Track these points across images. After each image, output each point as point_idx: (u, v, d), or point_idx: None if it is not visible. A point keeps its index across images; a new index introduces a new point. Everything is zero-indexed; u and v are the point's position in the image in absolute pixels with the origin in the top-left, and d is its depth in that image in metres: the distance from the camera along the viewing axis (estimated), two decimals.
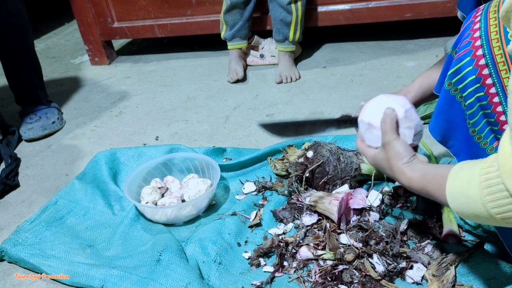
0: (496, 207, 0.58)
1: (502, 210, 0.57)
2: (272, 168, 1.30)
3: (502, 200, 0.57)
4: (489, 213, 0.59)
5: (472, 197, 0.60)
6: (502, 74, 0.68)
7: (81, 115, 1.90)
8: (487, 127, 0.73)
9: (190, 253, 1.05)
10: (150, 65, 2.34)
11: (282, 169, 1.28)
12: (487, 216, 0.60)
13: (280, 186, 1.22)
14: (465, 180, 0.62)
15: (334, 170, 1.18)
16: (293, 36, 1.94)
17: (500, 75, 0.68)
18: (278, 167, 1.29)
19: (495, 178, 0.57)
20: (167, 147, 1.41)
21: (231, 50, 2.05)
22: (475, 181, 0.60)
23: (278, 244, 1.03)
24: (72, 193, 1.31)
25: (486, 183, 0.58)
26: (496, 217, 0.58)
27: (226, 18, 1.99)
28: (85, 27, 2.33)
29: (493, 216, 0.59)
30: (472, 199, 0.60)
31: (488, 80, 0.69)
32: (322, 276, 0.94)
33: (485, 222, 0.62)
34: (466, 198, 0.62)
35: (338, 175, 1.18)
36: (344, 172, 1.18)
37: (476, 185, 0.60)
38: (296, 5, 1.89)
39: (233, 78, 1.97)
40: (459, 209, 0.64)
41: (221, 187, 1.30)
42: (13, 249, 1.11)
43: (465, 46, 0.72)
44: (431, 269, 0.91)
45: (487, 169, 0.59)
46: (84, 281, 1.01)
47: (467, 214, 0.63)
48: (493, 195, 0.57)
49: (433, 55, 1.96)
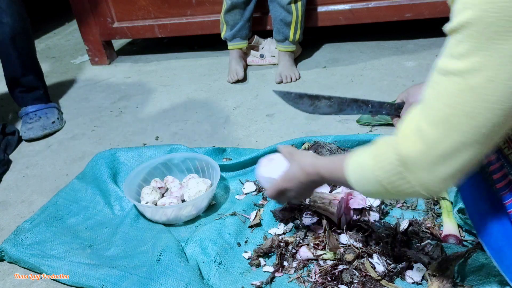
0: (384, 173, 0.64)
1: (389, 175, 0.63)
2: None
3: (387, 166, 0.63)
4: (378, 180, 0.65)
5: (365, 167, 0.67)
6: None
7: (81, 115, 1.90)
8: None
9: (190, 253, 1.05)
10: (150, 65, 2.34)
11: None
12: (379, 187, 0.65)
13: None
14: (359, 152, 0.70)
15: None
16: (293, 36, 1.94)
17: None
18: None
19: (386, 148, 0.64)
20: (167, 147, 1.41)
21: (232, 50, 2.05)
22: (367, 151, 0.68)
23: (278, 244, 1.03)
24: (72, 193, 1.31)
25: (378, 152, 0.65)
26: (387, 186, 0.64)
27: (227, 18, 1.99)
28: (85, 27, 2.33)
29: (383, 185, 0.64)
30: (365, 168, 0.67)
31: None
32: (322, 276, 0.94)
33: (376, 193, 0.68)
34: (360, 167, 0.69)
35: None
36: None
37: (367, 155, 0.67)
38: (296, 5, 1.89)
39: (233, 78, 1.97)
40: (358, 183, 0.70)
41: (221, 187, 1.30)
42: (13, 249, 1.11)
43: None
44: (431, 269, 0.91)
45: (377, 143, 0.66)
46: (84, 281, 1.01)
47: (365, 187, 0.69)
48: (382, 163, 0.64)
49: (433, 55, 1.96)
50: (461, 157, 0.58)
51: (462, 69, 0.54)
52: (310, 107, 1.02)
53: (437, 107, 0.57)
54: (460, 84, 0.54)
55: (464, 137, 0.56)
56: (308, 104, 1.02)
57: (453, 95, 0.55)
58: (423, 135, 0.59)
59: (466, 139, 0.56)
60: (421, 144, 0.59)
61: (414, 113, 0.61)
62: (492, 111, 0.54)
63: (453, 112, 0.56)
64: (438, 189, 0.61)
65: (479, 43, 0.52)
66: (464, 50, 0.53)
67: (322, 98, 1.00)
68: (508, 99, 0.53)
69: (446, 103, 0.56)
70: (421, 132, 0.59)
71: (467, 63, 0.54)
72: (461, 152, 0.57)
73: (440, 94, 0.57)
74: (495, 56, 0.52)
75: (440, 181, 0.60)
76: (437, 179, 0.60)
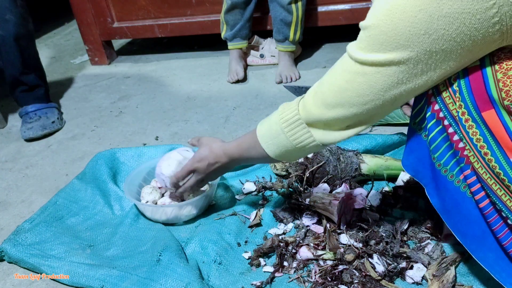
0: (287, 124, 0.82)
1: (290, 123, 0.82)
2: (272, 168, 1.30)
3: (290, 115, 0.82)
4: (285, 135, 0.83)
5: (272, 122, 0.85)
6: (449, 107, 0.73)
7: (81, 115, 1.90)
8: (452, 159, 0.76)
9: (190, 253, 1.05)
10: (150, 65, 2.34)
11: (282, 169, 1.28)
12: (285, 140, 0.83)
13: (280, 186, 1.22)
14: (269, 121, 0.87)
15: (334, 170, 1.18)
16: (293, 36, 1.94)
17: (452, 113, 0.73)
18: (278, 167, 1.29)
19: (291, 113, 0.82)
20: (167, 147, 1.41)
21: (232, 50, 2.05)
22: (276, 117, 0.84)
23: (278, 244, 1.03)
24: (72, 193, 1.30)
25: (284, 118, 0.83)
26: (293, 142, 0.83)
27: (227, 18, 1.99)
28: (85, 27, 2.33)
29: (287, 137, 0.83)
30: (273, 122, 0.85)
31: (445, 122, 0.75)
32: (322, 276, 0.94)
33: (293, 154, 0.86)
34: (269, 127, 0.86)
35: (338, 175, 1.18)
36: (344, 172, 1.18)
37: (276, 121, 0.84)
38: (296, 5, 1.89)
39: (233, 78, 1.97)
40: (270, 148, 0.86)
41: (221, 187, 1.30)
42: (13, 249, 1.11)
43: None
44: (431, 269, 0.91)
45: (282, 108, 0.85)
46: (84, 281, 1.01)
47: (278, 149, 0.86)
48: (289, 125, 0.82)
49: None
50: (343, 110, 0.75)
51: (359, 59, 0.70)
52: None
53: (339, 79, 0.74)
54: (356, 67, 0.71)
55: (346, 101, 0.74)
56: None
57: (350, 74, 0.72)
58: (321, 93, 0.77)
59: (347, 103, 0.74)
60: (318, 99, 0.77)
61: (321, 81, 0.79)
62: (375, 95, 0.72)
63: (347, 87, 0.73)
64: (332, 137, 0.80)
65: (372, 45, 0.67)
66: (363, 45, 0.69)
67: None
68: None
69: (344, 79, 0.73)
70: (321, 93, 0.77)
71: (363, 57, 0.69)
72: (343, 107, 0.75)
73: (341, 71, 0.74)
74: (375, 60, 0.68)
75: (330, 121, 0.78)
76: (326, 118, 0.77)
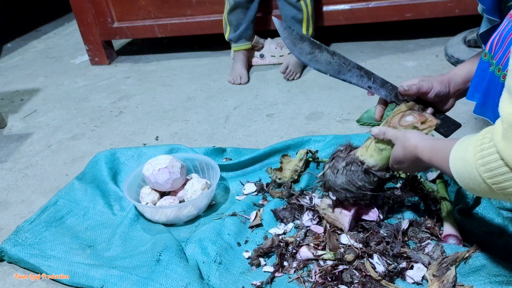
0: (487, 171, 0.60)
1: (493, 174, 0.60)
2: (272, 177, 1.27)
3: (492, 163, 0.59)
4: (482, 177, 0.61)
5: (468, 161, 0.63)
6: None
7: (81, 115, 1.90)
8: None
9: (190, 253, 1.05)
10: (150, 65, 2.34)
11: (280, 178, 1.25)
12: (481, 181, 0.62)
13: (279, 193, 1.20)
14: (465, 145, 0.66)
15: None
16: (306, 32, 1.93)
17: None
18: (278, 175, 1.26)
19: (488, 143, 0.60)
20: (167, 147, 1.41)
21: (237, 51, 2.03)
22: (472, 145, 0.63)
23: (278, 244, 1.03)
24: (72, 193, 1.30)
25: (480, 147, 0.62)
26: (488, 181, 0.61)
27: (230, 19, 1.97)
28: (85, 27, 2.33)
29: (486, 182, 0.61)
30: (468, 163, 0.63)
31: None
32: (322, 276, 0.94)
33: (481, 191, 0.64)
34: (463, 162, 0.65)
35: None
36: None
37: (471, 150, 0.63)
38: (305, 1, 1.88)
39: (235, 81, 1.96)
40: (458, 174, 0.67)
41: (221, 187, 1.30)
42: (13, 249, 1.11)
43: None
44: (432, 269, 0.91)
45: (483, 135, 0.62)
46: (84, 281, 1.01)
47: (466, 180, 0.65)
48: (484, 159, 0.60)
49: (433, 55, 1.96)
50: None
51: None
52: (307, 55, 0.92)
53: None
54: None
55: None
56: (307, 50, 0.92)
57: None
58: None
59: None
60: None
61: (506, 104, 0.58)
62: None
63: None
64: None
65: None
66: None
67: (325, 50, 0.92)
68: None
69: None
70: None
71: None
72: None
73: None
74: None
75: None
76: None
